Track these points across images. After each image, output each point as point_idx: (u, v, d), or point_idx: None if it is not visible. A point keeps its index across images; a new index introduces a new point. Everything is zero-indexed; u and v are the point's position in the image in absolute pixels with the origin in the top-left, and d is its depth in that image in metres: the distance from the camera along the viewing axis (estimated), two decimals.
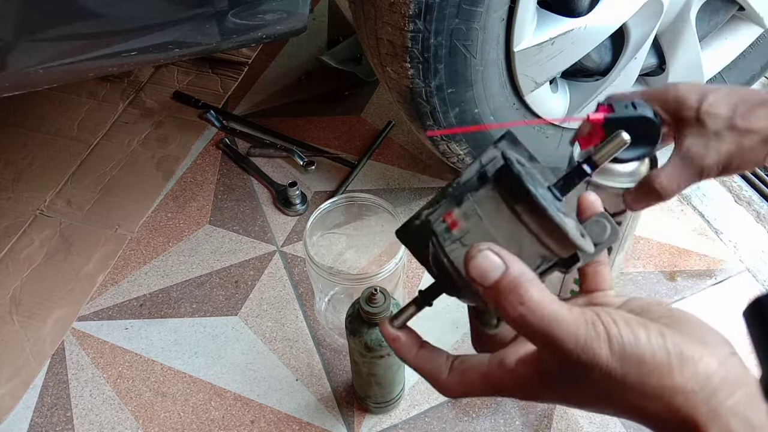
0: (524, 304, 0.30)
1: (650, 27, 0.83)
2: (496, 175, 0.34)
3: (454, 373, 0.37)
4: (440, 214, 0.37)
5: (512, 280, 0.30)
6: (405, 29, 0.71)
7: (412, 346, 0.40)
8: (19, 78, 0.62)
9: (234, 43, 0.68)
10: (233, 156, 1.13)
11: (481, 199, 0.35)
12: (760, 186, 1.10)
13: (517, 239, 0.34)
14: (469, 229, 0.34)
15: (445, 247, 0.35)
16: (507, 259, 0.31)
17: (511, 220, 0.34)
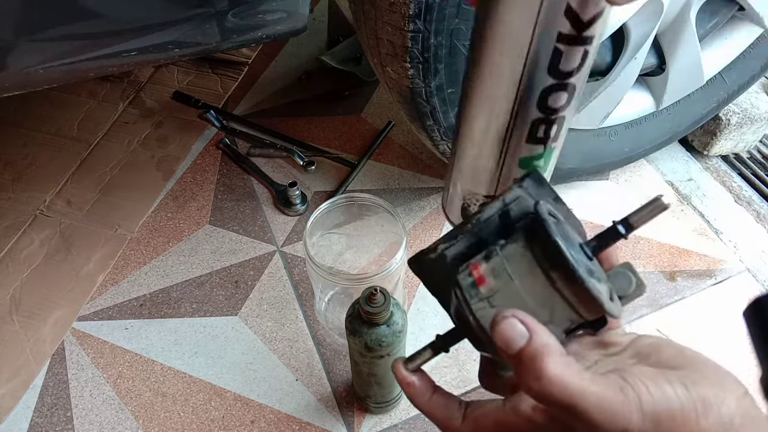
0: (542, 378, 0.30)
1: (650, 27, 0.83)
2: (528, 232, 0.33)
3: (468, 421, 0.37)
4: (457, 251, 0.36)
5: (533, 351, 0.30)
6: (405, 29, 0.71)
7: (426, 391, 0.39)
8: (19, 78, 0.62)
9: (234, 43, 0.68)
10: (233, 156, 1.13)
11: (512, 257, 0.34)
12: (760, 186, 1.10)
13: (548, 304, 0.33)
14: (499, 289, 0.33)
15: (472, 304, 0.34)
16: (532, 327, 0.31)
17: (544, 285, 0.33)
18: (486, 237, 0.37)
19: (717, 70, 0.98)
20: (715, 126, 1.10)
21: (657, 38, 0.89)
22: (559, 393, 0.29)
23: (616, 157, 1.03)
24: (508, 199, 0.37)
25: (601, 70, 0.89)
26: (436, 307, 0.92)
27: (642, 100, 0.97)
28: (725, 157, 1.16)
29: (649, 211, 0.34)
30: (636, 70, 0.88)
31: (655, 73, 0.95)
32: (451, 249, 0.37)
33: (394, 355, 0.68)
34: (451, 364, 0.86)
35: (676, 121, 1.03)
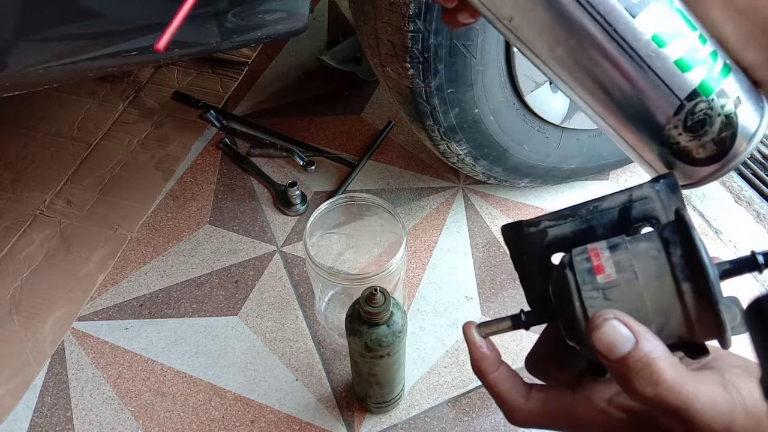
0: (660, 384, 0.28)
1: None
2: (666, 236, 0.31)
3: (533, 401, 0.35)
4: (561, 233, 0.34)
5: (644, 357, 0.29)
6: (405, 29, 0.71)
7: (494, 361, 0.36)
8: (19, 78, 0.62)
9: (234, 43, 0.68)
10: (233, 156, 1.13)
11: (642, 255, 0.31)
12: (760, 186, 1.10)
13: (666, 314, 0.31)
14: (619, 284, 0.31)
15: (583, 291, 0.31)
16: (637, 331, 0.29)
17: (670, 293, 0.30)
18: (597, 228, 0.35)
19: None
20: None
21: None
22: (674, 398, 0.28)
23: (616, 157, 1.03)
24: (636, 195, 0.34)
25: None
26: (436, 307, 0.92)
27: None
28: None
29: None
30: None
31: None
32: (556, 228, 0.35)
33: (394, 355, 0.68)
34: (450, 364, 0.86)
35: None
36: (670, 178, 0.35)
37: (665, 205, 0.35)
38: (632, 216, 0.34)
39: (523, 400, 0.35)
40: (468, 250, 0.99)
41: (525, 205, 1.05)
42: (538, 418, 0.34)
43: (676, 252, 0.31)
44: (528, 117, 0.88)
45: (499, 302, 0.92)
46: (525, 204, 1.05)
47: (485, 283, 0.94)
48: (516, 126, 0.88)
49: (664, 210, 0.35)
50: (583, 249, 0.33)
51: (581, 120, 0.92)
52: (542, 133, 0.91)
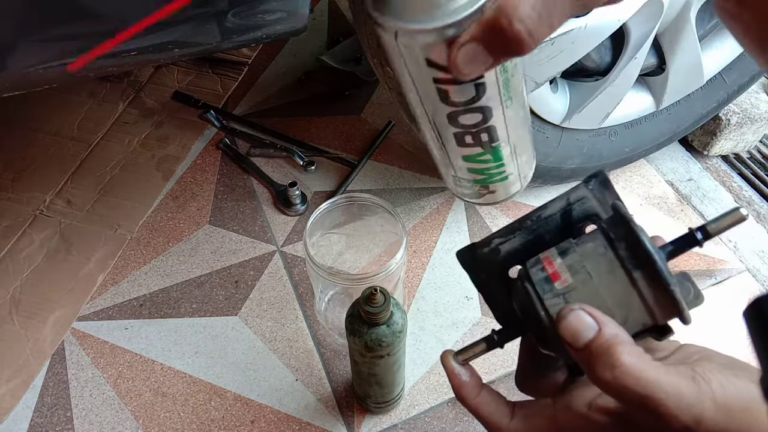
0: (617, 367, 0.29)
1: (650, 27, 0.83)
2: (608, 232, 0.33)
3: (517, 419, 0.35)
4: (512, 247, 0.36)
5: (605, 342, 0.30)
6: None
7: (474, 387, 0.37)
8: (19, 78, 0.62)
9: (234, 43, 0.68)
10: (233, 156, 1.13)
11: (591, 255, 0.33)
12: (760, 186, 1.10)
13: (625, 305, 0.32)
14: (576, 287, 0.32)
15: (545, 300, 0.33)
16: (600, 320, 0.30)
17: (624, 285, 0.32)
18: (544, 235, 0.36)
19: (717, 70, 0.98)
20: (715, 126, 1.10)
21: (657, 38, 0.89)
22: (634, 383, 0.29)
23: (616, 157, 1.03)
24: (573, 198, 0.36)
25: (601, 70, 0.89)
26: (436, 307, 0.92)
27: (642, 100, 0.97)
28: (725, 157, 1.16)
29: (728, 221, 0.33)
30: (636, 70, 0.88)
31: (655, 73, 0.95)
32: (507, 244, 0.36)
33: (394, 355, 0.68)
34: None
35: (676, 121, 1.03)
36: (600, 176, 0.37)
37: (601, 201, 0.36)
38: (574, 217, 0.36)
39: (507, 420, 0.35)
40: None
41: (525, 205, 1.05)
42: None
43: (621, 245, 0.32)
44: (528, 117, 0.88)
45: None
46: (525, 204, 1.05)
47: None
48: None
49: (602, 206, 0.36)
50: (536, 260, 0.34)
51: (581, 120, 0.92)
52: (542, 133, 0.91)
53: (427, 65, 0.31)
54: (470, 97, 0.32)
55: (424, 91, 0.33)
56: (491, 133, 0.35)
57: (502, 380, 0.84)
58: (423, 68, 0.31)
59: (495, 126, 0.35)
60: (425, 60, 0.31)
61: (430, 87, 0.32)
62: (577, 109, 0.90)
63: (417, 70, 0.32)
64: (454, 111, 0.33)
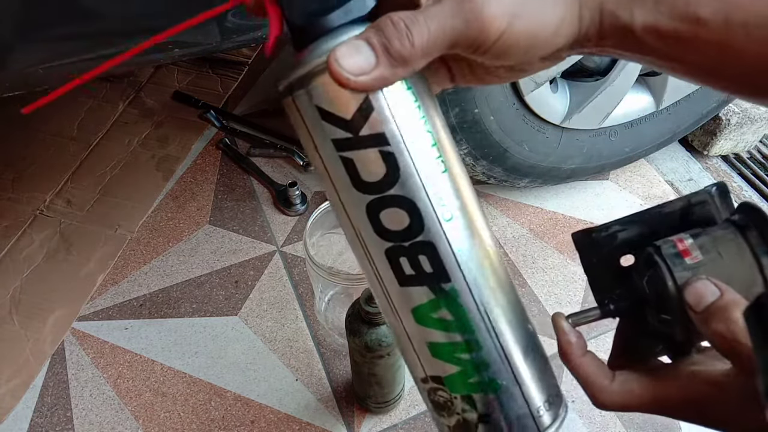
0: (733, 322, 0.31)
1: None
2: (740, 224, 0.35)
3: (618, 382, 0.37)
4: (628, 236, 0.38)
5: (726, 303, 0.32)
6: None
7: (581, 348, 0.38)
8: (19, 78, 0.62)
9: (234, 43, 0.68)
10: (233, 156, 1.13)
11: (721, 239, 0.35)
12: (760, 186, 1.10)
13: (749, 286, 0.34)
14: (706, 263, 0.35)
15: (675, 272, 0.35)
16: (723, 288, 0.33)
17: (751, 267, 0.34)
18: (661, 230, 0.38)
19: None
20: (715, 126, 1.10)
21: None
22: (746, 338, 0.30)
23: (616, 157, 1.03)
24: (694, 200, 0.38)
25: (601, 70, 0.89)
26: None
27: (642, 100, 0.97)
28: (725, 157, 1.16)
29: None
30: (636, 70, 0.88)
31: (655, 73, 0.95)
32: (624, 232, 0.38)
33: (394, 355, 0.68)
34: None
35: (676, 121, 1.03)
36: (721, 186, 0.38)
37: (719, 208, 0.38)
38: (692, 219, 0.38)
39: (608, 382, 0.37)
40: None
41: (525, 206, 1.05)
42: (623, 397, 0.36)
43: (752, 233, 0.35)
44: (528, 117, 0.88)
45: None
46: (525, 204, 1.05)
47: None
48: (516, 126, 0.88)
49: (719, 212, 0.38)
50: (666, 240, 0.36)
51: (581, 120, 0.92)
52: (542, 133, 0.91)
53: (321, 118, 0.29)
54: (383, 172, 0.29)
55: (334, 172, 0.30)
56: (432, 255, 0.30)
57: None
58: (320, 127, 0.30)
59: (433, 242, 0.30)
60: (318, 111, 0.29)
61: (335, 160, 0.30)
62: (577, 109, 0.90)
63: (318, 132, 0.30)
64: (370, 200, 0.30)
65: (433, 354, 0.32)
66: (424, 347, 0.32)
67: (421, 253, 0.30)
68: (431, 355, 0.32)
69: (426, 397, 0.35)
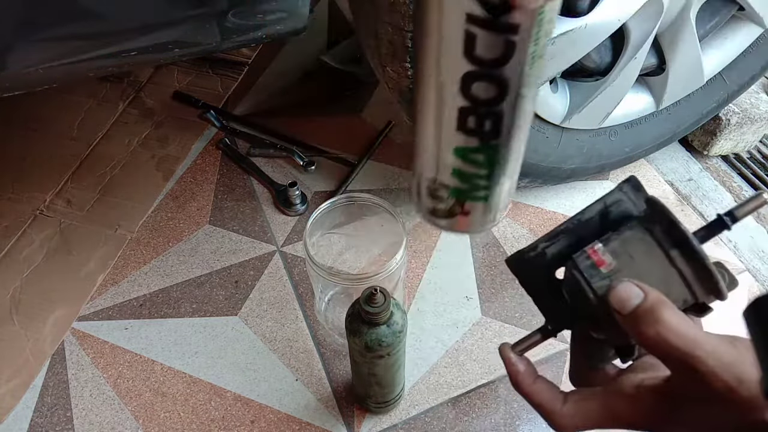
0: (660, 323, 0.31)
1: (650, 27, 0.83)
2: (645, 221, 0.36)
3: (570, 403, 0.38)
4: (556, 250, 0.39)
5: (651, 305, 0.32)
6: (405, 29, 0.71)
7: (530, 375, 0.40)
8: (19, 78, 0.62)
9: (234, 43, 0.68)
10: (233, 156, 1.13)
11: (630, 241, 0.36)
12: (760, 186, 1.10)
13: (666, 282, 0.35)
14: (620, 269, 0.36)
15: (593, 283, 0.36)
16: (646, 288, 0.33)
17: (663, 263, 0.35)
18: (586, 237, 0.39)
19: (717, 70, 0.98)
20: (715, 126, 1.10)
21: (657, 38, 0.89)
22: (675, 339, 0.30)
23: (616, 157, 1.03)
24: (609, 201, 0.39)
25: (601, 70, 0.89)
26: (436, 307, 0.92)
27: (642, 100, 0.97)
28: (725, 157, 1.16)
29: (753, 206, 0.36)
30: (636, 70, 0.88)
31: (655, 73, 0.95)
32: (552, 247, 0.40)
33: (394, 355, 0.68)
34: (450, 364, 0.86)
35: (676, 121, 1.03)
36: (633, 181, 0.40)
37: (635, 204, 0.40)
38: (611, 219, 0.39)
39: (560, 405, 0.38)
40: (468, 250, 0.99)
41: (525, 205, 1.05)
42: (577, 419, 0.37)
43: (657, 229, 0.35)
44: None
45: (499, 302, 0.92)
46: (525, 204, 1.05)
47: (485, 283, 0.94)
48: None
49: (635, 207, 0.40)
50: (582, 252, 0.37)
51: (581, 120, 0.92)
52: (542, 133, 0.91)
53: None
54: (497, 55, 0.32)
55: (448, 35, 0.32)
56: (497, 121, 0.35)
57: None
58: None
59: (504, 112, 0.35)
60: None
61: (458, 28, 0.31)
62: (577, 109, 0.90)
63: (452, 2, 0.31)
64: (471, 72, 0.33)
65: (454, 175, 0.37)
66: (448, 169, 0.37)
67: (488, 117, 0.35)
68: (451, 175, 0.37)
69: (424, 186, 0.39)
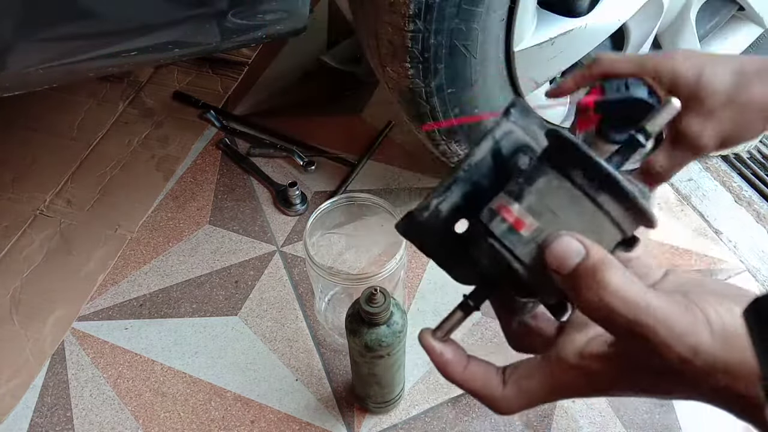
0: (605, 288, 0.27)
1: (650, 27, 0.83)
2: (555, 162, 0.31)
3: (510, 386, 0.33)
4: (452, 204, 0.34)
5: (593, 264, 0.28)
6: (405, 29, 0.71)
7: (460, 361, 0.34)
8: (19, 78, 0.62)
9: (234, 43, 0.68)
10: (233, 156, 1.13)
11: (548, 192, 0.31)
12: (760, 186, 1.10)
13: (597, 230, 0.31)
14: (544, 228, 0.31)
15: (516, 251, 0.31)
16: (587, 244, 0.29)
17: (591, 211, 0.31)
18: (481, 181, 0.34)
19: None
20: None
21: (657, 38, 0.89)
22: (621, 306, 0.27)
23: None
24: (498, 135, 0.34)
25: None
26: (436, 306, 0.92)
27: None
28: (725, 157, 1.16)
29: (663, 115, 0.33)
30: None
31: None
32: (445, 202, 0.34)
33: (394, 355, 0.68)
34: None
35: None
36: (518, 105, 0.35)
37: (527, 130, 0.35)
38: (504, 154, 0.34)
39: (500, 389, 0.33)
40: None
41: None
42: (522, 399, 0.32)
43: (576, 173, 0.31)
44: None
45: None
46: None
47: None
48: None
49: (528, 134, 0.35)
50: (490, 211, 0.32)
51: None
52: None
53: None
54: None
55: None
56: None
57: None
58: None
59: None
60: None
61: None
62: None
63: None
64: None
65: None
66: None
67: None
68: None
69: None
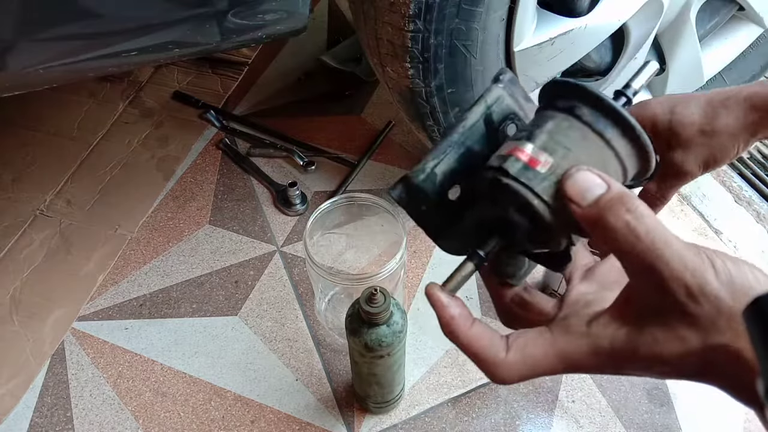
0: (632, 212, 0.28)
1: (650, 27, 0.83)
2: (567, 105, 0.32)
3: (514, 351, 0.31)
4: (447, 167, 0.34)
5: (617, 194, 0.29)
6: (405, 29, 0.71)
7: (466, 318, 0.32)
8: (19, 78, 0.62)
9: (234, 43, 0.68)
10: (233, 156, 1.13)
11: (558, 132, 0.32)
12: (760, 186, 1.10)
13: (605, 167, 0.32)
14: (560, 163, 0.31)
15: (535, 187, 0.31)
16: (607, 178, 0.29)
17: (600, 147, 0.32)
18: (473, 145, 0.35)
19: (717, 70, 0.98)
20: None
21: (657, 38, 0.89)
22: (645, 234, 0.28)
23: None
24: (490, 100, 0.35)
25: (601, 70, 0.89)
26: None
27: None
28: None
29: (644, 73, 0.36)
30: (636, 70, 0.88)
31: (656, 73, 0.95)
32: (441, 165, 0.34)
33: (394, 355, 0.68)
34: (450, 364, 0.86)
35: None
36: (506, 74, 0.36)
37: (515, 99, 0.36)
38: (495, 120, 0.35)
39: (503, 354, 0.31)
40: None
41: None
42: (523, 368, 0.31)
43: (583, 110, 0.32)
44: None
45: None
46: None
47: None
48: None
49: (516, 102, 0.36)
50: (500, 158, 0.32)
51: None
52: None
53: None
54: None
55: None
56: None
57: None
58: None
59: None
60: None
61: None
62: None
63: None
64: None
65: None
66: None
67: None
68: None
69: None
